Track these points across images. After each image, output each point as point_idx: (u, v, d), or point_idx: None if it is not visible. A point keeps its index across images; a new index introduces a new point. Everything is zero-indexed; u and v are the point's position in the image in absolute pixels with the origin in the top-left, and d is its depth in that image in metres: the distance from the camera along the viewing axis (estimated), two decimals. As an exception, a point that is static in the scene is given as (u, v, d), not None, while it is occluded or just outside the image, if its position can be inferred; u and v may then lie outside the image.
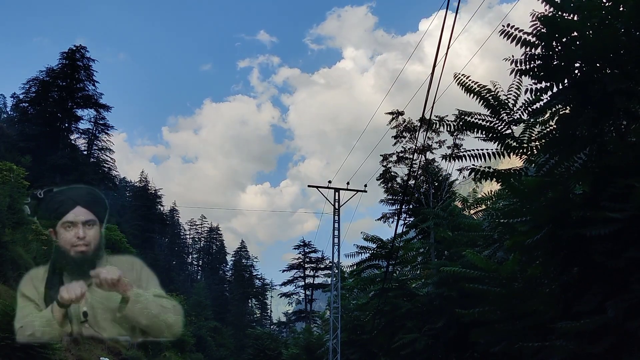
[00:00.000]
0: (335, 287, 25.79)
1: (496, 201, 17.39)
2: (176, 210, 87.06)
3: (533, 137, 10.50)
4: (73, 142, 51.92)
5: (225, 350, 54.22)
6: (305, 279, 62.55)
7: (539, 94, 9.69)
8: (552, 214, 9.39)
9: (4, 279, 17.00)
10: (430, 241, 22.20)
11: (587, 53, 8.95)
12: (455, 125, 11.48)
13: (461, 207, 22.83)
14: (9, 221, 20.02)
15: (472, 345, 15.00)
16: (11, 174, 23.70)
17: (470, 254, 13.49)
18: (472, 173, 10.64)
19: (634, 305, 8.02)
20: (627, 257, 8.15)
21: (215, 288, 76.67)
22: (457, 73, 10.69)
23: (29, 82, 50.63)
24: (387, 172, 27.59)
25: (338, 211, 25.99)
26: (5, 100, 69.18)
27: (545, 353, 9.56)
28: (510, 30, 9.28)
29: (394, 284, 21.73)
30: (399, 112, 26.30)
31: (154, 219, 68.29)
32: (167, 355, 28.76)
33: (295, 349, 39.76)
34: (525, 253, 11.04)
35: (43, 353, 12.63)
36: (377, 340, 22.91)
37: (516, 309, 11.22)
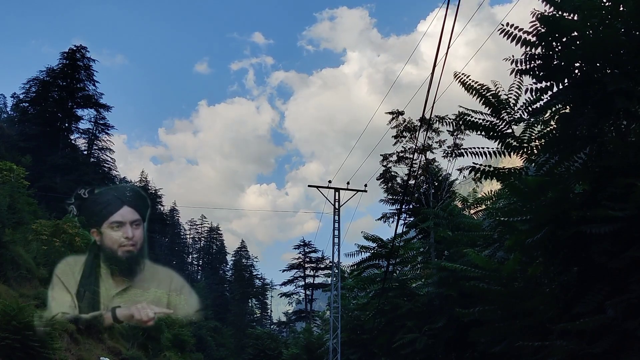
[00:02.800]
0: (335, 287, 25.80)
1: (496, 201, 17.40)
2: (176, 210, 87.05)
3: (533, 136, 10.51)
4: (73, 142, 51.89)
5: (225, 350, 54.18)
6: (305, 278, 62.54)
7: (540, 93, 9.70)
8: (553, 213, 9.39)
9: (4, 279, 16.99)
10: (430, 241, 22.20)
11: (587, 53, 8.95)
12: (456, 124, 11.49)
13: (461, 207, 22.85)
14: (9, 221, 20.01)
15: (472, 344, 15.01)
16: (11, 174, 23.68)
17: (471, 253, 13.50)
18: (473, 171, 10.65)
19: (634, 305, 8.02)
20: (627, 257, 8.16)
21: (215, 288, 76.62)
22: (458, 72, 10.70)
23: (29, 82, 50.69)
24: (387, 172, 27.57)
25: (338, 211, 26.00)
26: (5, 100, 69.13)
27: (545, 353, 9.56)
28: (510, 30, 9.29)
29: (394, 283, 21.73)
30: (399, 112, 26.28)
31: (154, 218, 68.23)
32: (167, 355, 28.72)
33: (296, 349, 39.78)
34: (525, 252, 11.04)
35: (43, 353, 12.60)
36: (377, 340, 22.91)
37: (516, 308, 11.22)
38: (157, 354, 26.68)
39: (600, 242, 8.71)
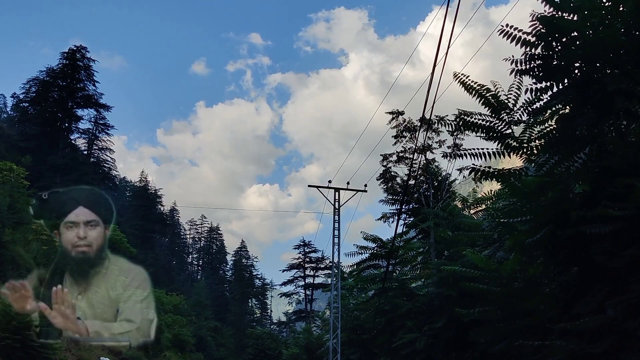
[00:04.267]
0: (335, 287, 25.80)
1: (496, 201, 17.39)
2: (176, 210, 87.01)
3: (533, 137, 10.50)
4: (73, 142, 51.79)
5: (225, 350, 54.18)
6: (305, 278, 62.54)
7: (539, 93, 9.69)
8: (552, 213, 9.39)
9: (4, 279, 16.94)
10: (430, 241, 22.20)
11: (587, 53, 8.95)
12: (456, 124, 11.49)
13: (461, 207, 22.84)
14: (9, 221, 20.00)
15: (472, 344, 15.01)
16: (11, 174, 23.68)
17: (470, 253, 13.50)
18: (473, 172, 10.65)
19: (634, 305, 8.02)
20: (627, 256, 8.16)
21: (215, 288, 76.64)
22: (457, 72, 10.70)
23: (29, 82, 50.63)
24: (387, 172, 27.56)
25: (338, 211, 26.01)
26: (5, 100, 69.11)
27: (545, 352, 9.56)
28: (510, 30, 9.28)
29: (394, 283, 21.73)
30: (399, 111, 26.27)
31: (154, 218, 68.19)
32: (167, 355, 28.75)
33: (296, 349, 39.80)
34: (525, 253, 11.04)
35: (43, 353, 12.61)
36: (377, 340, 22.91)
37: (516, 308, 11.22)
38: (157, 354, 26.69)
39: (600, 242, 8.71)
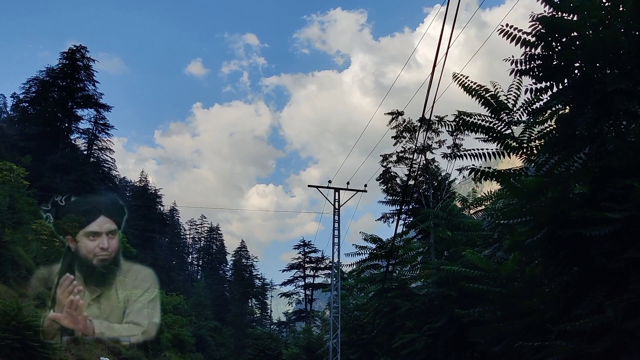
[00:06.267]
0: (335, 287, 25.80)
1: (496, 201, 17.39)
2: (176, 210, 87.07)
3: (533, 137, 10.51)
4: (73, 142, 51.80)
5: (225, 350, 54.16)
6: (305, 278, 62.52)
7: (539, 94, 9.70)
8: (552, 213, 9.39)
9: (4, 279, 16.98)
10: (429, 241, 22.20)
11: (586, 53, 8.95)
12: (455, 125, 11.49)
13: (461, 207, 22.83)
14: (9, 221, 20.02)
15: (471, 344, 15.02)
16: (11, 174, 23.70)
17: (470, 253, 13.50)
18: (472, 173, 10.65)
19: (634, 305, 8.02)
20: (627, 257, 8.16)
21: (215, 288, 76.62)
22: (456, 73, 10.70)
23: (29, 82, 50.64)
24: (387, 172, 27.57)
25: (338, 211, 26.00)
26: (5, 100, 69.12)
27: (545, 353, 9.56)
28: (510, 30, 9.29)
29: (393, 284, 21.74)
30: (399, 112, 26.29)
31: (154, 218, 68.25)
32: (167, 355, 28.72)
33: (295, 349, 39.78)
34: (525, 253, 11.04)
35: (43, 353, 12.59)
36: (377, 340, 22.93)
37: (516, 308, 11.22)
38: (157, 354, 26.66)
39: (600, 243, 8.71)
